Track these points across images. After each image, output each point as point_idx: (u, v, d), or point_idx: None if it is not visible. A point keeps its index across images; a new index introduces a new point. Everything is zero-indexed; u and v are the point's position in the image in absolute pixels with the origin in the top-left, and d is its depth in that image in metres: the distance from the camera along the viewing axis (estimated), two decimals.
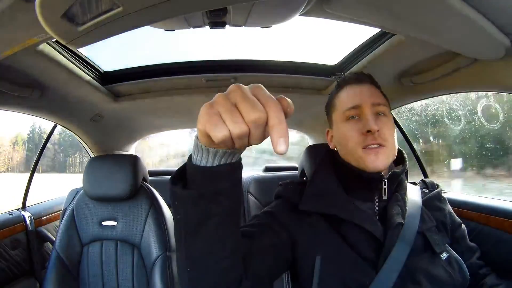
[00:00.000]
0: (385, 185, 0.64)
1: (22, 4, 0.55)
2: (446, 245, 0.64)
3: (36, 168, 1.53)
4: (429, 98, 1.14)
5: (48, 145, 1.62)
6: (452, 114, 1.54)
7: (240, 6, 0.64)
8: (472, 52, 0.75)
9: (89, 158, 1.31)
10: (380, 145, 0.62)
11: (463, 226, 0.71)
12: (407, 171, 0.71)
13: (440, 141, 1.90)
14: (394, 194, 0.65)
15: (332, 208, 0.62)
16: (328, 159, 0.72)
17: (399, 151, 0.68)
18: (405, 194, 0.67)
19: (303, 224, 0.64)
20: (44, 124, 1.48)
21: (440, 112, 1.60)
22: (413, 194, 0.69)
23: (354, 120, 0.65)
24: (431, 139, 1.85)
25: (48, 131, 1.57)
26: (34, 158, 1.54)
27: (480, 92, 1.22)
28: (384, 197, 0.64)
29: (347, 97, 0.67)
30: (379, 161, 0.61)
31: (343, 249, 0.59)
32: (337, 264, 0.58)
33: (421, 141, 1.78)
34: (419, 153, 1.36)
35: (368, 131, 0.61)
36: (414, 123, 1.68)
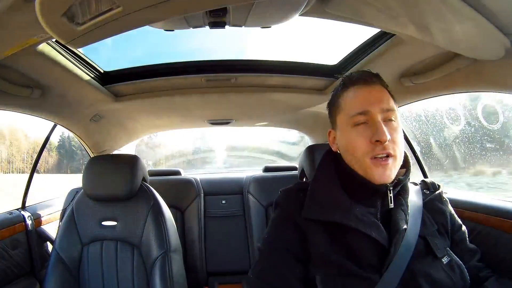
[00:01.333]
0: (390, 193, 0.62)
1: (22, 4, 0.55)
2: (447, 248, 0.63)
3: (35, 169, 1.53)
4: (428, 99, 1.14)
5: (78, 151, 1.65)
6: None
7: (240, 6, 0.64)
8: (472, 52, 0.75)
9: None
10: (389, 155, 0.59)
11: (463, 228, 0.70)
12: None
13: None
14: (397, 198, 0.64)
15: (336, 216, 0.61)
16: (330, 162, 0.70)
17: (404, 155, 0.66)
18: (407, 197, 0.66)
19: (307, 241, 0.62)
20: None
21: None
22: (415, 197, 0.68)
23: (362, 126, 0.61)
24: None
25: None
26: (65, 161, 1.57)
27: None
28: (391, 205, 0.62)
29: (354, 100, 0.63)
30: (386, 175, 0.59)
31: (346, 264, 0.58)
32: (340, 280, 0.57)
33: None
34: (418, 153, 1.36)
35: (378, 141, 0.58)
36: None
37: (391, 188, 0.62)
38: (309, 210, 0.64)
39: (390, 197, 0.62)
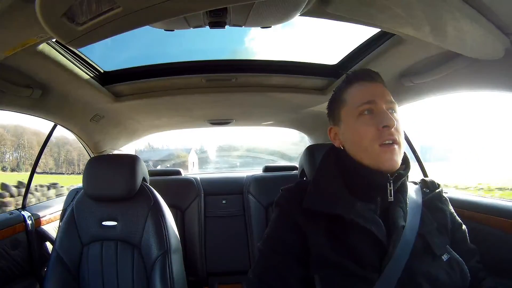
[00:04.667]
0: (390, 186, 0.62)
1: (22, 4, 0.56)
2: (447, 246, 0.63)
3: (35, 169, 1.53)
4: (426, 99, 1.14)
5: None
6: None
7: (240, 6, 0.64)
8: (472, 52, 0.75)
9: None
10: (395, 142, 0.61)
11: (464, 227, 0.70)
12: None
13: None
14: (396, 195, 0.65)
15: (336, 208, 0.61)
16: (331, 158, 0.71)
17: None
18: (406, 195, 0.66)
19: (306, 241, 0.63)
20: None
21: None
22: (414, 195, 0.69)
23: (368, 115, 0.63)
24: None
25: None
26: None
27: None
28: (390, 198, 0.63)
29: (360, 92, 0.65)
30: (394, 160, 0.60)
31: (345, 263, 0.58)
32: (339, 279, 0.58)
33: None
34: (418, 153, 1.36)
35: (385, 126, 0.60)
36: None
37: (391, 181, 0.62)
38: (311, 201, 0.64)
39: (390, 190, 0.62)
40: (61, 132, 1.54)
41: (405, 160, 0.68)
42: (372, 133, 0.61)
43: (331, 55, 1.21)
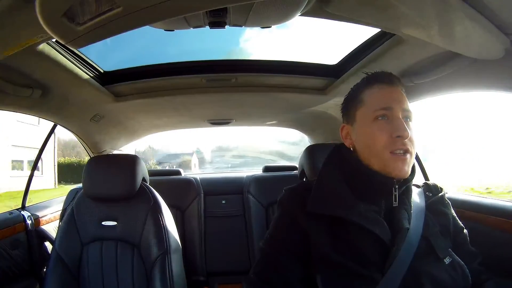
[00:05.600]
0: (395, 191, 0.62)
1: (22, 4, 0.56)
2: (449, 249, 0.64)
3: (35, 169, 1.53)
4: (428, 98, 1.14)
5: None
6: None
7: (240, 6, 0.65)
8: (472, 52, 0.75)
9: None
10: (407, 152, 0.61)
11: (465, 231, 0.71)
12: None
13: None
14: (400, 198, 0.65)
15: (340, 211, 0.61)
16: (336, 159, 0.70)
17: None
18: (410, 197, 0.67)
19: (309, 242, 0.63)
20: None
21: None
22: (417, 198, 0.69)
23: (384, 121, 0.63)
24: None
25: None
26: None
27: None
28: (395, 203, 0.63)
29: (379, 96, 0.65)
30: (404, 170, 0.60)
31: (348, 264, 0.58)
32: (341, 280, 0.58)
33: None
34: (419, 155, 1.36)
35: (399, 136, 0.60)
36: None
37: (396, 186, 0.62)
38: (314, 204, 0.64)
39: (395, 195, 0.62)
40: (71, 135, 1.55)
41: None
42: (385, 140, 0.61)
43: (331, 55, 1.21)
